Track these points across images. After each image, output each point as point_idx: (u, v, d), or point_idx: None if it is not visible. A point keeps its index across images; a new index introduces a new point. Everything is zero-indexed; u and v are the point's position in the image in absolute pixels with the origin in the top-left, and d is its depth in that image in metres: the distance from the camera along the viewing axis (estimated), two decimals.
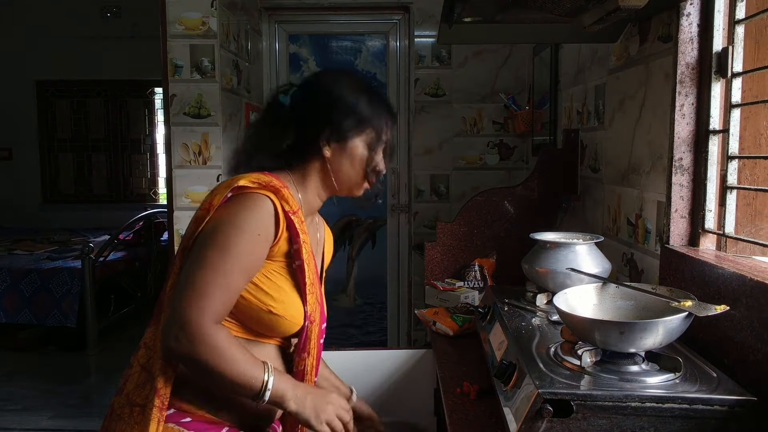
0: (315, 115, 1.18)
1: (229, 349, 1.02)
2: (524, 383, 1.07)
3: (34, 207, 6.31)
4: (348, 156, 1.19)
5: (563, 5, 1.24)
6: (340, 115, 1.17)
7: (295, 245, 1.13)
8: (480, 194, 2.26)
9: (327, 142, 1.18)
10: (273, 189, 1.10)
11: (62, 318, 4.14)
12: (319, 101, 1.19)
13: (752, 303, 1.07)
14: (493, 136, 3.37)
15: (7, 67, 6.10)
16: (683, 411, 0.96)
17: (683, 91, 1.40)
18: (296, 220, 1.12)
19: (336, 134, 1.17)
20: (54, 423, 3.20)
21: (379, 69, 3.52)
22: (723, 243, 1.37)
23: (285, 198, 1.10)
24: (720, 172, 1.37)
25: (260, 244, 1.08)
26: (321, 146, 1.18)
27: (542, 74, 2.84)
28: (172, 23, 2.68)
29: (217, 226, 1.07)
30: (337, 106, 1.17)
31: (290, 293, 1.14)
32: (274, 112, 1.22)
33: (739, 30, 1.30)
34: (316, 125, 1.17)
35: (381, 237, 3.66)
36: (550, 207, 2.21)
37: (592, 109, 2.08)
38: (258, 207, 1.08)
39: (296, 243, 1.13)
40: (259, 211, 1.07)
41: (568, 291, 1.24)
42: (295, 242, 1.13)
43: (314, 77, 1.26)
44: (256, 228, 1.07)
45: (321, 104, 1.19)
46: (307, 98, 1.20)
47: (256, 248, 1.07)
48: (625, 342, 1.05)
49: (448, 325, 1.79)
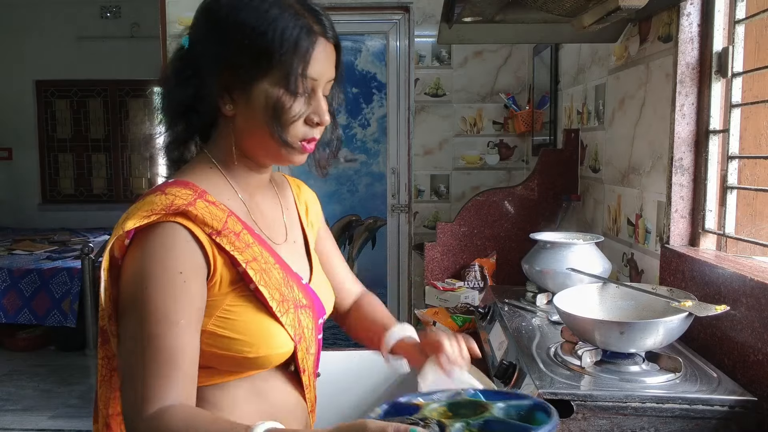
0: (203, 54, 0.86)
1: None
2: (524, 383, 1.07)
3: (34, 207, 6.30)
4: (254, 110, 0.85)
5: (563, 5, 1.24)
6: (227, 48, 0.84)
7: (238, 268, 0.85)
8: (480, 194, 2.26)
9: (224, 94, 0.86)
10: (177, 211, 0.81)
11: (62, 318, 4.14)
12: (204, 31, 0.87)
13: (752, 303, 1.07)
14: (493, 136, 3.37)
15: (7, 67, 6.10)
16: (683, 411, 0.96)
17: (683, 91, 1.40)
18: (224, 240, 0.84)
19: (232, 81, 0.85)
20: (54, 423, 3.19)
21: (379, 69, 3.52)
22: (723, 243, 1.37)
23: (199, 218, 0.82)
24: (720, 172, 1.37)
25: (189, 284, 0.80)
26: (219, 104, 0.87)
27: (542, 74, 2.84)
28: (172, 23, 2.68)
29: (125, 288, 0.81)
30: (223, 33, 0.84)
31: (262, 322, 0.86)
32: (176, 59, 0.90)
33: (740, 30, 1.30)
34: (207, 73, 0.85)
35: (381, 237, 3.66)
36: (550, 207, 2.21)
37: (592, 109, 2.08)
38: (163, 242, 0.80)
39: (238, 265, 0.85)
40: (167, 247, 0.80)
41: (568, 291, 1.24)
42: (237, 265, 0.85)
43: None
44: (173, 267, 0.79)
45: (205, 35, 0.87)
46: (195, 29, 0.89)
47: (185, 292, 0.80)
48: (626, 342, 1.05)
49: (448, 325, 1.79)
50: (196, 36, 0.88)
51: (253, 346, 0.85)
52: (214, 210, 0.85)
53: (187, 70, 0.87)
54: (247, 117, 0.87)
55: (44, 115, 6.26)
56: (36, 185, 6.31)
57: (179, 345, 0.79)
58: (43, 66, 6.07)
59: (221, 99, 0.86)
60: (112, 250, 0.83)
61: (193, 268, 0.82)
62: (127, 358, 0.79)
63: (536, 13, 1.52)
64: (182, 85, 0.87)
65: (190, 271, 0.81)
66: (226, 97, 0.86)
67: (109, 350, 0.85)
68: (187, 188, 0.85)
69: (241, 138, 0.89)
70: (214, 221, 0.83)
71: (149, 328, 0.78)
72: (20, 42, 6.05)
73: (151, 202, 0.82)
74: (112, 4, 6.03)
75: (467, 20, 1.60)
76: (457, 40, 1.76)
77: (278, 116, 0.85)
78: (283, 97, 0.84)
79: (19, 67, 6.08)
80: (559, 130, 2.59)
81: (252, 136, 0.88)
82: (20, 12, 6.00)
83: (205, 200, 0.85)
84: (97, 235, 5.52)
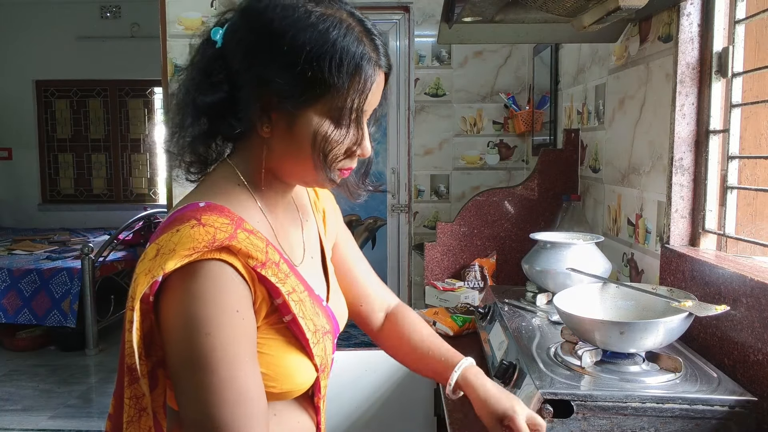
0: (244, 67, 0.77)
1: None
2: (524, 383, 1.06)
3: (34, 207, 6.31)
4: (296, 137, 0.78)
5: (563, 5, 1.24)
6: (274, 68, 0.75)
7: (277, 300, 0.80)
8: (480, 194, 2.25)
9: (262, 114, 0.78)
10: (221, 246, 0.74)
11: (62, 318, 4.14)
12: (248, 42, 0.76)
13: (752, 303, 1.07)
14: (493, 136, 3.37)
15: (7, 67, 6.10)
16: (683, 411, 0.96)
17: (683, 91, 1.40)
18: (269, 272, 0.79)
19: (275, 103, 0.77)
20: (54, 423, 3.19)
21: None
22: (723, 243, 1.37)
23: (243, 251, 0.76)
24: (720, 172, 1.37)
25: (246, 321, 0.77)
26: (254, 122, 0.78)
27: (542, 74, 2.84)
28: (172, 23, 2.68)
29: (175, 335, 0.75)
30: (271, 51, 0.75)
31: (289, 356, 0.83)
32: (203, 54, 0.81)
33: (740, 30, 1.30)
34: (246, 87, 0.77)
35: (381, 237, 3.66)
36: (550, 207, 2.21)
37: (592, 109, 2.08)
38: (214, 283, 0.74)
39: (278, 297, 0.80)
40: (219, 287, 0.74)
41: (568, 291, 1.24)
42: (277, 296, 0.80)
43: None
44: (230, 306, 0.74)
45: (250, 48, 0.76)
46: (236, 36, 0.78)
47: (244, 329, 0.76)
48: (626, 342, 1.05)
49: (448, 325, 1.79)
50: (236, 40, 0.78)
51: (278, 382, 0.82)
52: (255, 240, 0.78)
53: (219, 74, 0.78)
54: (286, 143, 0.79)
55: (44, 115, 6.27)
56: (36, 185, 6.31)
57: (253, 383, 0.76)
58: (43, 66, 6.08)
59: (259, 119, 0.78)
60: (134, 293, 0.75)
61: (245, 304, 0.77)
62: (202, 410, 0.73)
63: (536, 13, 1.52)
64: (211, 89, 0.79)
65: (244, 307, 0.77)
66: (264, 117, 0.78)
67: (138, 390, 0.78)
68: (223, 216, 0.77)
69: (275, 161, 0.82)
70: (257, 253, 0.77)
71: (222, 373, 0.73)
72: (20, 42, 6.06)
73: (190, 237, 0.73)
74: (112, 4, 6.03)
75: (467, 20, 1.60)
76: (457, 40, 1.76)
77: (324, 149, 0.78)
78: (331, 129, 0.78)
79: (19, 67, 6.09)
80: (559, 130, 2.59)
81: (288, 161, 0.82)
82: (20, 12, 6.01)
83: (244, 230, 0.78)
84: (97, 235, 5.53)
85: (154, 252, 0.76)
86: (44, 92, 6.24)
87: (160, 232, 0.78)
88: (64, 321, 4.14)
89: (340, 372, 1.44)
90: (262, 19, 0.76)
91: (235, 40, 0.78)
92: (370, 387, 1.83)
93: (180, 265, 0.73)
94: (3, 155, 6.28)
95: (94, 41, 5.98)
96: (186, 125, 0.82)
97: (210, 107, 0.79)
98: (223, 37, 0.79)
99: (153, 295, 0.75)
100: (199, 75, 0.80)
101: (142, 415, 0.79)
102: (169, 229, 0.76)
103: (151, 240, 0.79)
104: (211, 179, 0.86)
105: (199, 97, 0.79)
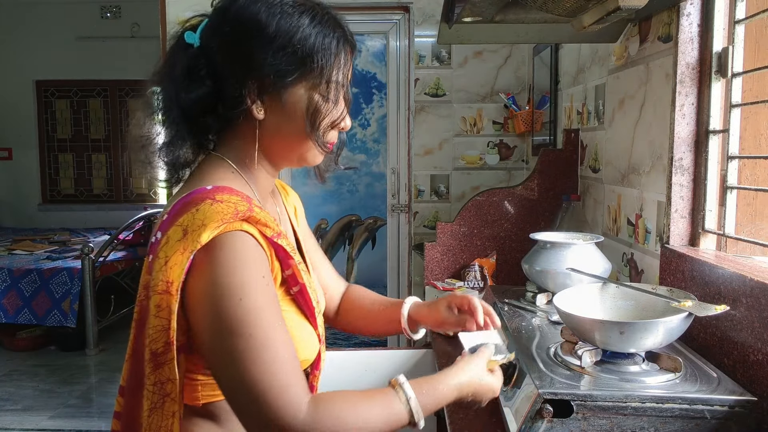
0: (232, 58, 0.84)
1: (345, 418, 0.78)
2: (524, 383, 1.07)
3: (34, 207, 6.31)
4: (289, 113, 0.86)
5: (563, 5, 1.24)
6: (266, 52, 0.83)
7: (287, 271, 0.86)
8: (480, 194, 2.26)
9: (256, 98, 0.85)
10: (245, 217, 0.79)
11: (62, 318, 4.14)
12: (234, 36, 0.84)
13: (752, 303, 1.07)
14: (493, 136, 3.37)
15: (7, 67, 6.10)
16: (683, 411, 0.96)
17: (683, 91, 1.40)
18: (284, 242, 0.85)
19: (266, 84, 0.84)
20: (54, 423, 3.19)
21: (379, 69, 3.52)
22: (723, 243, 1.37)
23: (261, 221, 0.82)
24: (720, 172, 1.37)
25: (271, 286, 0.82)
26: (248, 106, 0.85)
27: (542, 74, 2.84)
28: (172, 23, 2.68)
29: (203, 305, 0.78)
30: (261, 38, 0.83)
31: (303, 327, 0.89)
32: (180, 58, 0.87)
33: (739, 30, 1.30)
34: (235, 74, 0.84)
35: (381, 237, 3.66)
36: (550, 207, 2.21)
37: (592, 109, 2.08)
38: (240, 250, 0.78)
39: (288, 268, 0.86)
40: (246, 255, 0.79)
41: (568, 291, 1.24)
42: (287, 267, 0.86)
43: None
44: (257, 272, 0.79)
45: (237, 40, 0.84)
46: (219, 33, 0.85)
47: (273, 293, 0.81)
48: (625, 342, 1.05)
49: None
50: (221, 35, 0.85)
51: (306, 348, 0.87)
52: (265, 214, 0.84)
53: (201, 70, 0.85)
54: (280, 120, 0.87)
55: (44, 115, 6.26)
56: (36, 185, 6.31)
57: (287, 344, 0.79)
58: (43, 66, 6.08)
59: (253, 102, 0.85)
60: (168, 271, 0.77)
61: (269, 272, 0.82)
62: (242, 375, 0.76)
63: (536, 13, 1.52)
64: (196, 86, 0.85)
65: (268, 274, 0.81)
66: (257, 100, 0.86)
67: (162, 375, 0.79)
68: (234, 194, 0.82)
69: (269, 140, 0.89)
70: (273, 224, 0.83)
71: (258, 335, 0.76)
72: (20, 42, 6.06)
73: (214, 211, 0.78)
74: (112, 4, 6.03)
75: (467, 20, 1.60)
76: (457, 40, 1.76)
77: (315, 120, 0.87)
78: (320, 102, 0.87)
79: (19, 67, 6.09)
80: (559, 130, 2.59)
81: (282, 139, 0.89)
82: (20, 12, 6.01)
83: (255, 205, 0.83)
84: (97, 235, 5.53)
85: (180, 233, 0.78)
86: (44, 92, 6.24)
87: (175, 216, 0.80)
88: (64, 321, 4.14)
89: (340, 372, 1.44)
90: (247, 13, 0.84)
91: (219, 35, 0.86)
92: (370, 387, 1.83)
93: (213, 236, 0.76)
94: (3, 155, 6.28)
95: (94, 41, 5.98)
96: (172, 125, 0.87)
97: (196, 102, 0.85)
98: (201, 38, 0.86)
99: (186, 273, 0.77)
100: (181, 76, 0.86)
101: (165, 401, 0.80)
102: (186, 211, 0.79)
103: (165, 227, 0.81)
104: (202, 172, 0.90)
105: (184, 95, 0.85)
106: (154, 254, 0.80)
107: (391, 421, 0.81)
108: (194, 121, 0.87)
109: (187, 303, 0.79)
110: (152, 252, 0.81)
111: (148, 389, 0.80)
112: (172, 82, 0.86)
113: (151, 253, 0.82)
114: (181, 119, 0.86)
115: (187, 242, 0.77)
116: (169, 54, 0.90)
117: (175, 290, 0.77)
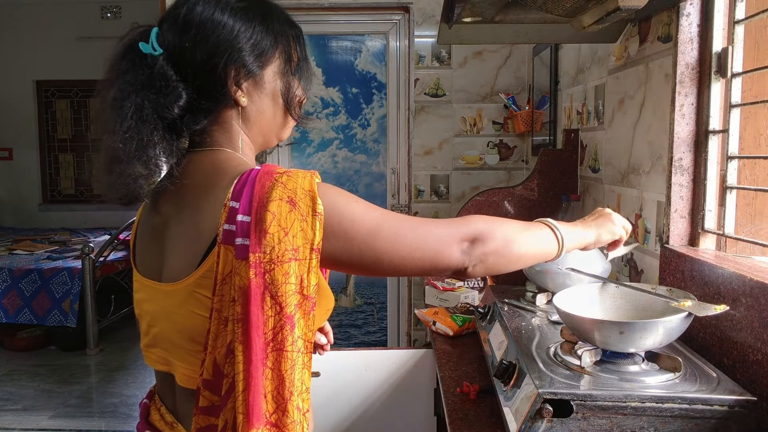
0: (209, 53, 0.90)
1: (515, 243, 0.98)
2: (524, 383, 1.07)
3: (34, 207, 6.31)
4: (267, 93, 0.95)
5: (563, 5, 1.24)
6: (240, 46, 0.91)
7: None
8: (480, 194, 2.26)
9: (238, 85, 0.92)
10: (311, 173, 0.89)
11: (62, 318, 4.14)
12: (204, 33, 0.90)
13: (752, 303, 1.07)
14: (493, 136, 3.37)
15: (7, 67, 6.10)
16: (683, 411, 0.97)
17: (683, 91, 1.40)
18: None
19: (245, 71, 0.92)
20: (54, 423, 3.20)
21: (379, 69, 3.52)
22: (723, 243, 1.37)
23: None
24: (720, 172, 1.37)
25: None
26: (232, 93, 0.92)
27: (542, 74, 2.85)
28: None
29: (342, 225, 0.86)
30: (234, 35, 0.91)
31: (325, 283, 0.96)
32: (141, 69, 0.91)
33: (739, 30, 1.30)
34: (215, 67, 0.90)
35: None
36: (550, 207, 2.21)
37: (592, 109, 2.08)
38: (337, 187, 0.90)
39: None
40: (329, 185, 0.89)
41: (567, 291, 1.24)
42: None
43: (181, 7, 0.94)
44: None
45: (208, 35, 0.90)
46: (190, 36, 0.91)
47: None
48: (625, 342, 1.05)
49: (448, 325, 1.79)
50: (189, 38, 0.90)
51: (330, 299, 0.95)
52: None
53: (175, 74, 0.89)
54: (261, 101, 0.95)
55: (44, 115, 6.27)
56: (36, 185, 6.32)
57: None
58: (43, 66, 6.08)
59: (235, 92, 0.92)
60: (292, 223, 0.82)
61: None
62: (401, 230, 0.88)
63: (536, 14, 1.52)
64: (173, 89, 0.88)
65: None
66: (237, 88, 0.92)
67: (295, 333, 0.83)
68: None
69: (252, 123, 0.96)
70: None
71: (385, 212, 0.90)
72: (21, 42, 6.06)
73: (297, 177, 0.85)
74: (112, 4, 6.04)
75: (467, 20, 1.60)
76: (457, 40, 1.76)
77: (289, 94, 0.97)
78: (290, 77, 0.98)
79: (19, 67, 6.09)
80: (558, 130, 2.59)
81: (265, 119, 0.97)
82: (20, 12, 6.01)
83: None
84: (97, 235, 5.53)
85: (286, 207, 0.82)
86: (45, 92, 6.24)
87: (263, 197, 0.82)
88: (64, 321, 4.14)
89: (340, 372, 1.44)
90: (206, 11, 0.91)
91: (187, 37, 0.90)
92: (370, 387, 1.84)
93: (318, 193, 0.84)
94: (3, 155, 6.29)
95: (94, 41, 5.98)
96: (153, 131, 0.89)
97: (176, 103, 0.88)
98: (162, 45, 0.90)
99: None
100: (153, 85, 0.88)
101: (298, 357, 0.83)
102: (270, 186, 0.83)
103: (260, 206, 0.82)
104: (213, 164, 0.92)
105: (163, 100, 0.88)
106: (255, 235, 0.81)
107: (543, 253, 1.04)
108: (179, 121, 0.91)
109: (331, 253, 0.85)
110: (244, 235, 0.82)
111: (288, 350, 0.82)
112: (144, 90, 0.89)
113: (240, 236, 0.82)
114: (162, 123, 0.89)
115: (301, 207, 0.83)
116: (125, 65, 0.93)
117: (303, 256, 0.82)
